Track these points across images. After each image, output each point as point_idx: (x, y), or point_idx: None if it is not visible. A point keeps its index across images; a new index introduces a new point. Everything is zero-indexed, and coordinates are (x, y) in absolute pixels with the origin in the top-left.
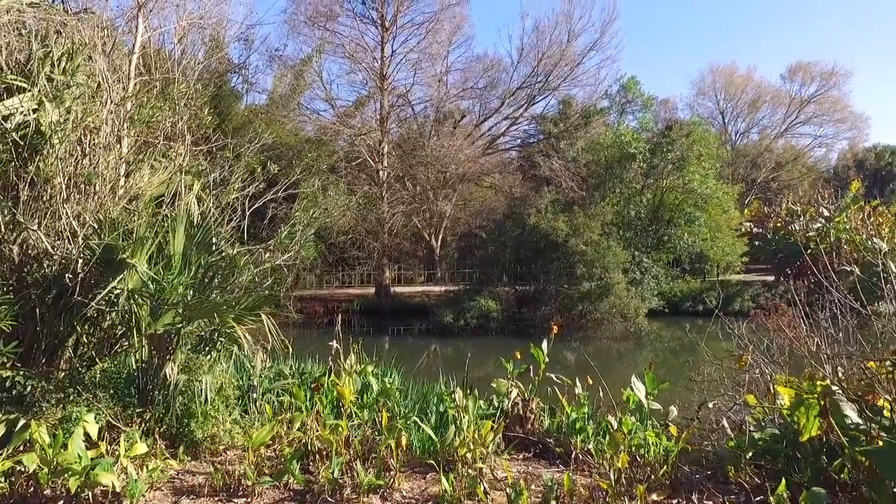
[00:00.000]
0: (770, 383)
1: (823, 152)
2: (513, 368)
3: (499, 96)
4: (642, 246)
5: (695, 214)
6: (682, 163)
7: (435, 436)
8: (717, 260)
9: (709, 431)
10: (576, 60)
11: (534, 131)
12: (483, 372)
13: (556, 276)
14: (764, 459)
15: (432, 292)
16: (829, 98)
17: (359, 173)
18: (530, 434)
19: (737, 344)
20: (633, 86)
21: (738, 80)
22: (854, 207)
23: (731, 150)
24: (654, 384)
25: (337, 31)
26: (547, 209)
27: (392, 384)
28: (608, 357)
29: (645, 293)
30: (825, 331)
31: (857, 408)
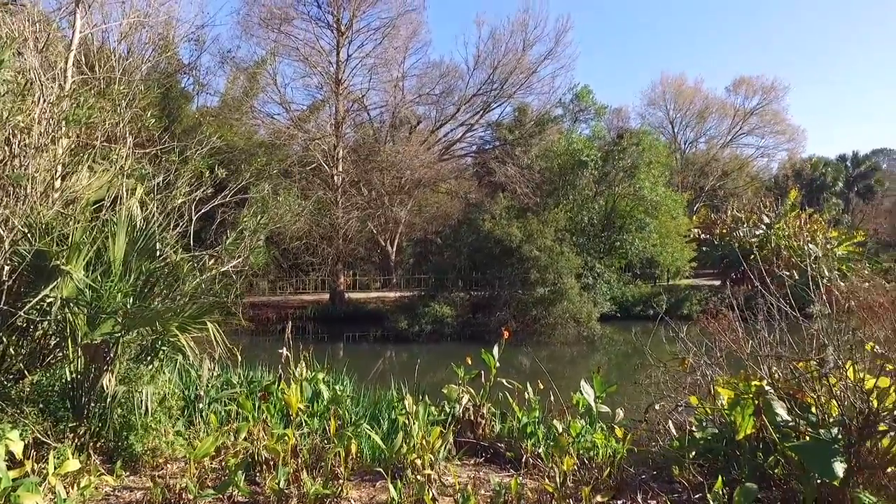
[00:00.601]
0: (711, 385)
1: (765, 162)
2: (464, 374)
3: (455, 103)
4: (595, 251)
5: (645, 221)
6: (633, 170)
7: (386, 443)
8: (667, 265)
9: (656, 433)
10: (531, 69)
11: (490, 138)
12: (437, 378)
13: (511, 282)
14: (705, 458)
15: (387, 298)
16: (770, 111)
17: (313, 178)
18: (481, 439)
19: (681, 347)
20: (586, 95)
21: (686, 91)
22: (792, 215)
23: (681, 159)
24: (602, 388)
25: (292, 34)
26: (501, 215)
27: (343, 391)
28: (562, 361)
29: (597, 298)
30: (760, 333)
31: (786, 406)
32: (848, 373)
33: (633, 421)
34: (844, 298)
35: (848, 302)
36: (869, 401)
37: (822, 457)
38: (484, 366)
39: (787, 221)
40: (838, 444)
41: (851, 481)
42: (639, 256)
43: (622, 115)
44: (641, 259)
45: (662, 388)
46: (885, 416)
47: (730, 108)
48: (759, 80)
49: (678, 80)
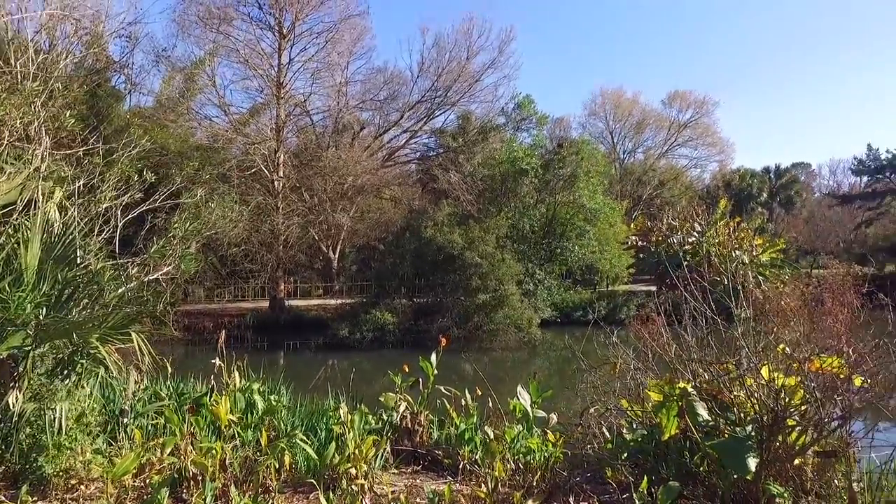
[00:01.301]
0: (641, 388)
1: (698, 173)
2: (401, 382)
3: (399, 109)
4: (535, 258)
5: (585, 228)
6: (572, 179)
7: (321, 453)
8: (606, 271)
9: (591, 436)
10: (474, 77)
11: (433, 145)
12: (378, 385)
13: (453, 289)
14: (636, 459)
15: (329, 306)
16: (702, 124)
17: (253, 183)
18: (419, 447)
19: (615, 352)
20: (528, 104)
21: (625, 103)
22: (721, 223)
23: (620, 168)
24: (538, 393)
25: (231, 35)
26: (444, 222)
27: (279, 402)
28: (504, 367)
29: (538, 304)
30: (685, 337)
31: (707, 407)
32: (762, 373)
33: (570, 424)
34: (760, 303)
35: (764, 306)
36: (778, 399)
37: (736, 453)
38: (423, 373)
39: (718, 229)
40: (751, 441)
41: (763, 475)
42: (578, 263)
43: (564, 125)
44: (581, 265)
45: (597, 391)
46: (793, 412)
47: (665, 120)
48: (692, 94)
49: (617, 93)
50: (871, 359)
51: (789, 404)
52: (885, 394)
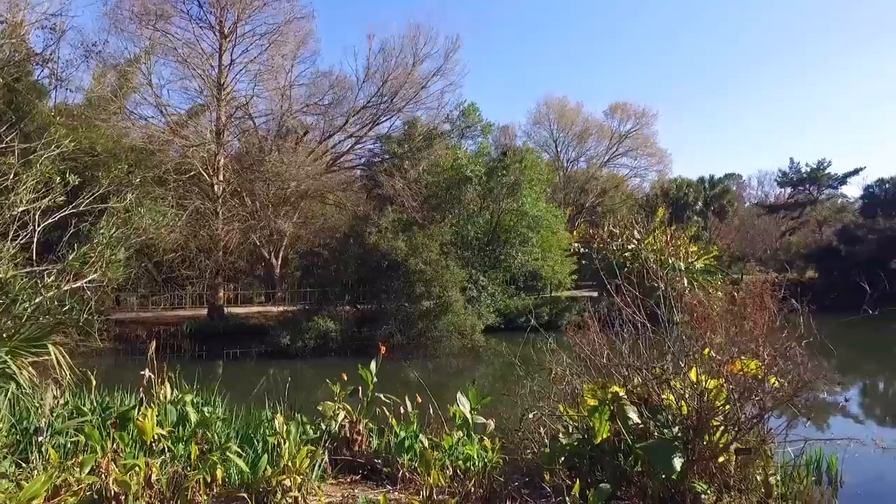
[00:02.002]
0: (576, 393)
1: (638, 182)
2: (340, 390)
3: (344, 114)
4: (479, 265)
5: (528, 235)
6: (515, 187)
7: (253, 465)
8: (549, 277)
9: (530, 441)
10: (420, 84)
11: (379, 150)
12: (319, 394)
13: (397, 295)
14: (572, 462)
15: (271, 313)
16: (642, 135)
17: (191, 187)
18: (358, 456)
19: (553, 357)
20: (473, 112)
21: (569, 112)
22: (659, 231)
23: (563, 176)
24: (477, 399)
25: (169, 33)
26: (388, 229)
27: (214, 413)
28: (447, 373)
29: (482, 310)
30: (618, 342)
31: (637, 410)
32: (691, 376)
33: (510, 430)
34: (689, 308)
35: (693, 312)
36: (702, 401)
37: (663, 454)
38: (363, 381)
39: (656, 237)
40: (678, 442)
41: (690, 473)
42: (522, 269)
43: (510, 133)
44: (524, 272)
45: (535, 397)
46: (716, 413)
47: (607, 130)
48: (632, 106)
49: (561, 102)
50: (783, 360)
51: (714, 405)
52: (794, 392)
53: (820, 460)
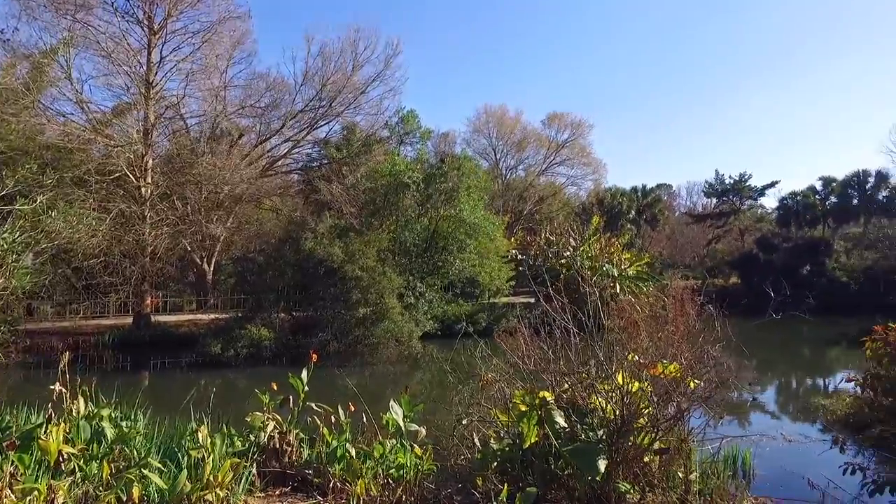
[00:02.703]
0: (507, 398)
1: (575, 190)
2: (269, 400)
3: (281, 117)
4: (417, 271)
5: (465, 242)
6: (453, 193)
7: (172, 481)
8: (487, 284)
9: (464, 447)
10: (359, 89)
11: (317, 155)
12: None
13: (333, 302)
14: (504, 467)
15: (202, 321)
16: (578, 145)
17: (116, 189)
18: (288, 467)
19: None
20: (412, 118)
21: (508, 121)
22: (594, 239)
23: (502, 184)
24: (410, 407)
25: (91, 25)
26: (324, 234)
27: (133, 427)
28: (384, 381)
29: (419, 317)
30: (544, 348)
31: (565, 414)
32: (618, 380)
33: (445, 436)
34: (617, 313)
35: (620, 317)
36: (624, 404)
37: (588, 456)
38: (294, 390)
39: (591, 244)
40: (602, 444)
41: (614, 474)
42: (459, 276)
43: (449, 140)
44: (462, 278)
45: (466, 403)
46: (639, 415)
47: (545, 139)
48: (569, 116)
49: (500, 111)
50: (699, 363)
51: (638, 408)
52: (709, 393)
53: (736, 456)
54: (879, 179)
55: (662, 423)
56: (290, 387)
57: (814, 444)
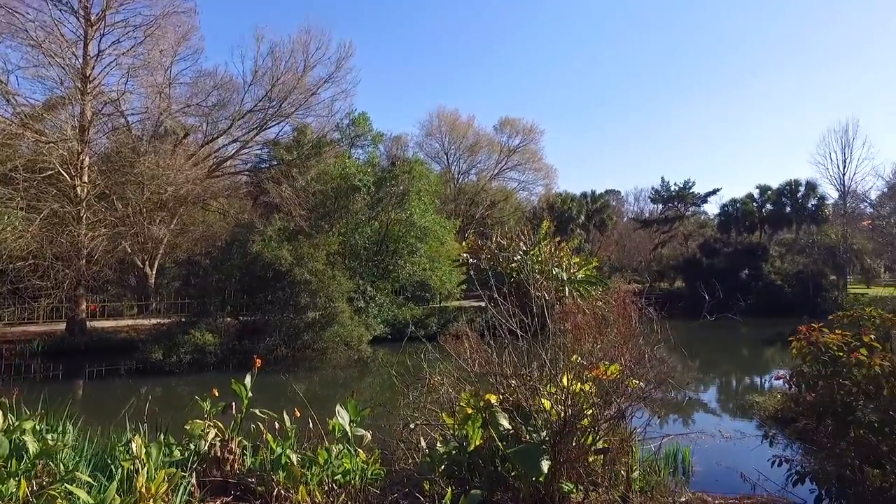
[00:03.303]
0: (455, 401)
1: (526, 195)
2: (210, 407)
3: (229, 117)
4: (367, 275)
5: (416, 245)
6: (404, 197)
7: (104, 495)
8: (438, 288)
9: (412, 451)
10: (310, 90)
11: (266, 156)
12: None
13: (281, 306)
14: (451, 471)
15: (143, 326)
16: (529, 150)
17: (48, 188)
18: (230, 476)
19: (434, 367)
20: (364, 121)
21: (460, 125)
22: (544, 243)
23: (454, 188)
24: (356, 411)
25: (18, 12)
26: (272, 237)
27: (60, 440)
28: (333, 386)
29: (369, 321)
30: (491, 351)
31: (510, 416)
32: (562, 382)
33: (394, 441)
34: (562, 316)
35: (566, 320)
36: (566, 405)
37: (531, 457)
38: (237, 397)
39: (541, 248)
40: (545, 445)
41: (558, 475)
42: (410, 280)
43: (402, 143)
44: (413, 282)
45: (412, 406)
46: (582, 416)
47: (497, 144)
48: (521, 122)
49: (453, 115)
50: (638, 364)
51: (581, 409)
52: (648, 393)
53: (676, 453)
54: (809, 189)
55: (603, 423)
56: (233, 393)
57: (748, 440)
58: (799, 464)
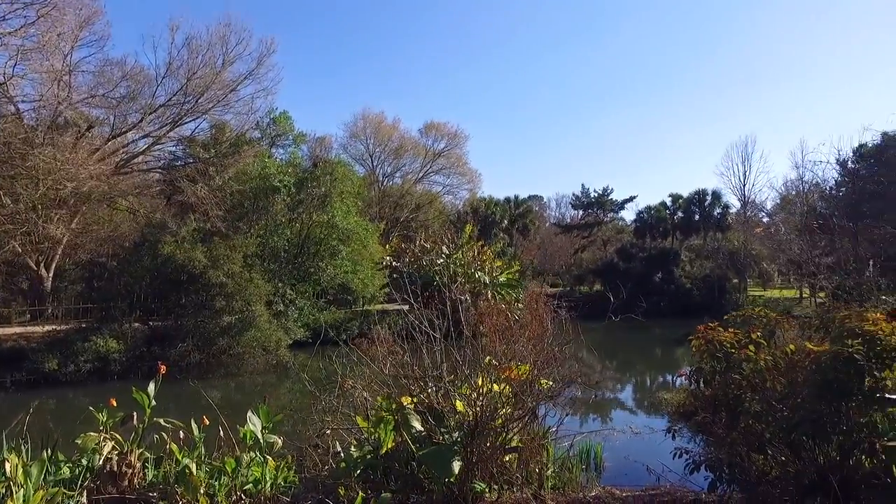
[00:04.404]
0: (371, 405)
1: (451, 199)
2: (107, 418)
3: (140, 110)
4: (287, 278)
5: (338, 248)
6: (326, 199)
7: None
8: (361, 291)
9: (329, 456)
10: (230, 86)
11: (182, 154)
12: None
13: (195, 310)
14: (366, 475)
15: (35, 334)
16: (454, 154)
17: None
18: (128, 492)
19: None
20: (285, 120)
21: (385, 128)
22: (468, 247)
23: (379, 191)
24: (268, 417)
25: None
26: (185, 238)
27: None
28: (251, 392)
29: (289, 325)
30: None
31: (423, 418)
32: (477, 383)
33: (309, 446)
34: (478, 318)
35: (481, 322)
36: (476, 406)
37: (442, 459)
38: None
39: (464, 252)
40: (457, 446)
41: (471, 475)
42: (332, 282)
43: (326, 145)
44: (335, 285)
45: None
46: (495, 416)
47: (422, 148)
48: (446, 126)
49: (378, 117)
50: (549, 364)
51: (493, 409)
52: (557, 392)
53: (589, 450)
54: (714, 198)
55: (513, 422)
56: (135, 402)
57: (656, 435)
58: (697, 454)
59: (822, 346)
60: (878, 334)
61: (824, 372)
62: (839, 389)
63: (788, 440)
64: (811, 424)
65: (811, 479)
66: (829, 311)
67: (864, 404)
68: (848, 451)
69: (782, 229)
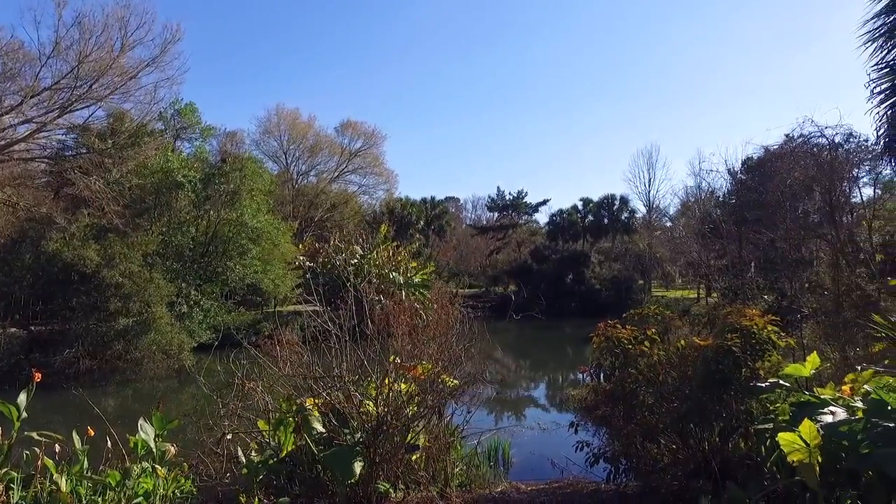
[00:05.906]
0: (273, 407)
1: (367, 199)
2: None
3: (19, 91)
4: (192, 278)
5: (248, 247)
6: (235, 196)
7: None
8: (272, 292)
9: (231, 463)
10: (129, 73)
11: (73, 143)
12: None
13: (86, 313)
14: (269, 480)
15: None
16: (371, 154)
17: None
18: None
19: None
20: (191, 112)
21: (300, 125)
22: (383, 247)
23: (292, 189)
24: (162, 425)
25: None
26: (75, 235)
27: None
28: (150, 399)
29: (193, 327)
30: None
31: (326, 420)
32: (383, 382)
33: (210, 453)
34: (382, 318)
35: (387, 321)
36: (378, 405)
37: (344, 460)
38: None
39: (379, 252)
40: (359, 447)
41: (374, 475)
42: (241, 283)
43: (237, 140)
44: (244, 285)
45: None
46: (399, 415)
47: (338, 147)
48: (363, 125)
49: (293, 114)
50: (454, 362)
51: (397, 408)
52: (462, 390)
53: (497, 447)
54: (622, 203)
55: (415, 421)
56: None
57: (562, 430)
58: (597, 447)
59: (707, 340)
60: (753, 329)
61: (708, 364)
62: (720, 380)
63: (678, 429)
64: (697, 413)
65: (696, 463)
66: (716, 308)
67: (742, 393)
68: (727, 435)
69: (681, 233)
